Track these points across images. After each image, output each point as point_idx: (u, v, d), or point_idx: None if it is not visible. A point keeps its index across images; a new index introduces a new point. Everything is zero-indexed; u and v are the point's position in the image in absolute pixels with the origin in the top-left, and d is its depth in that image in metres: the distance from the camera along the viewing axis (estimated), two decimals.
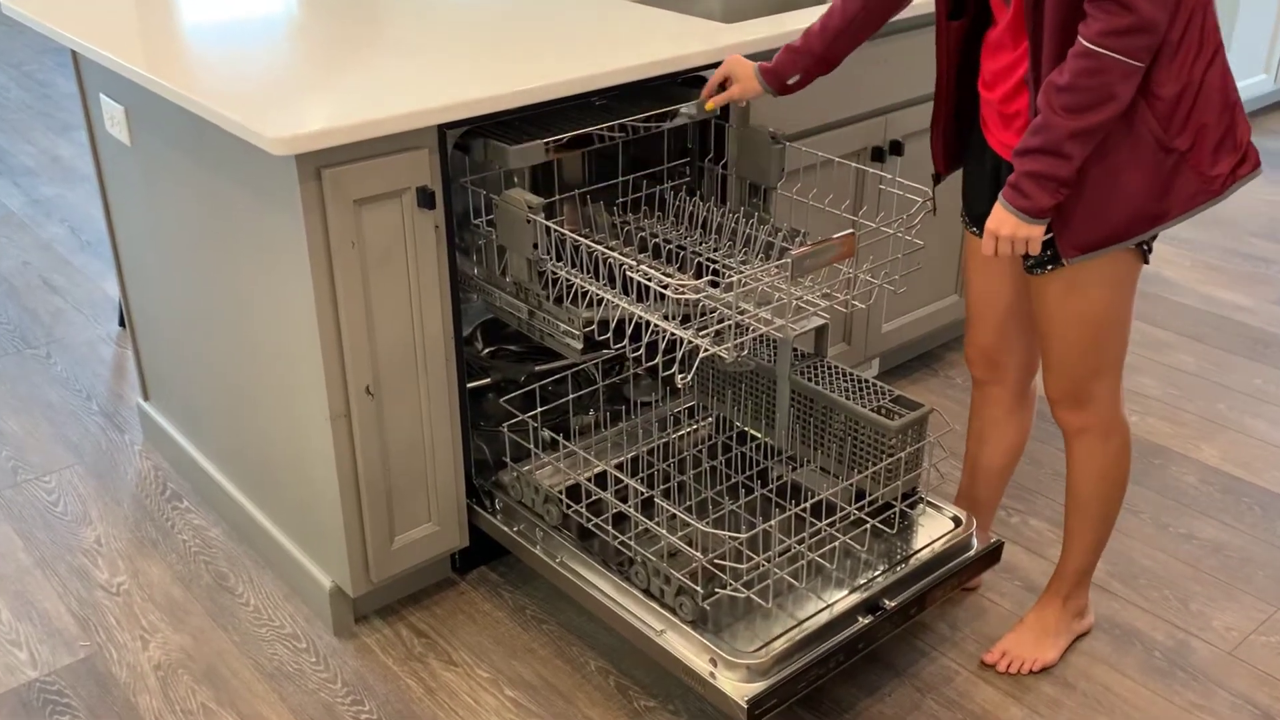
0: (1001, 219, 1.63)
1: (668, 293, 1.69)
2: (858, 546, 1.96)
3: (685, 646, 1.79)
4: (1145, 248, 1.73)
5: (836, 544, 1.92)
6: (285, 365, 1.99)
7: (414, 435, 2.01)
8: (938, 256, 2.81)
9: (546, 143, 1.92)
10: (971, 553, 2.00)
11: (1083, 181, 1.63)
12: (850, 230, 1.72)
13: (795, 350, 2.11)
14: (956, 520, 2.04)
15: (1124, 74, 1.52)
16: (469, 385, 2.11)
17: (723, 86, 2.04)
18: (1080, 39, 1.52)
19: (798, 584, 1.88)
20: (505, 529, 2.09)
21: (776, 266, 1.74)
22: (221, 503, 2.44)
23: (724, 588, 1.82)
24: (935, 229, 2.75)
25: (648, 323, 1.74)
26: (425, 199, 1.85)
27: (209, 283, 2.16)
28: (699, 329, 1.73)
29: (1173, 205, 1.65)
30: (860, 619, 1.84)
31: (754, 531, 1.86)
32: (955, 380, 2.92)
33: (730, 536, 1.83)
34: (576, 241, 1.87)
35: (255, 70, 2.00)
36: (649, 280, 1.72)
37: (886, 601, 1.87)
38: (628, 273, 1.76)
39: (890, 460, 1.97)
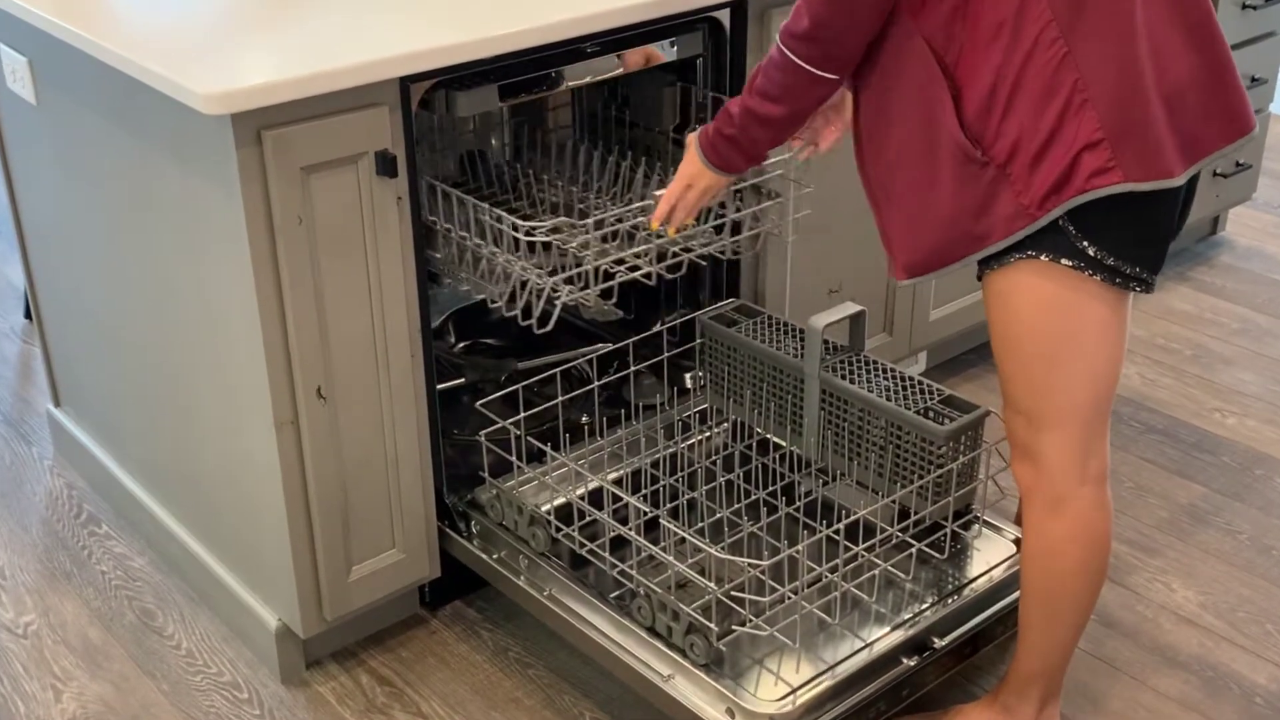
0: (700, 175, 1.86)
1: (520, 235, 1.92)
2: (901, 575, 1.96)
3: (697, 694, 1.79)
4: (1119, 278, 1.62)
5: (876, 572, 1.92)
6: (222, 364, 2.00)
7: (374, 446, 2.01)
8: None
9: (501, 85, 1.96)
10: None
11: (894, 196, 1.70)
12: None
13: (826, 342, 2.12)
14: (1018, 543, 2.04)
15: (811, 81, 1.68)
16: (439, 386, 2.12)
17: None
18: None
19: (830, 619, 1.89)
20: (483, 556, 2.09)
21: (639, 208, 1.99)
22: (147, 527, 2.45)
23: (743, 624, 1.82)
24: None
25: (524, 282, 1.97)
26: (386, 166, 1.85)
27: (131, 267, 2.16)
28: (560, 271, 1.97)
29: (994, 228, 1.62)
30: (905, 660, 1.85)
31: (778, 558, 1.87)
32: None
33: (749, 564, 1.84)
34: (461, 198, 2.02)
35: (184, 16, 2.00)
36: (500, 224, 1.96)
37: (936, 640, 1.88)
38: (478, 215, 2.00)
39: (939, 472, 1.98)
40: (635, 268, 2.01)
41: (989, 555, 2.03)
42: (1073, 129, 1.56)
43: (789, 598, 1.86)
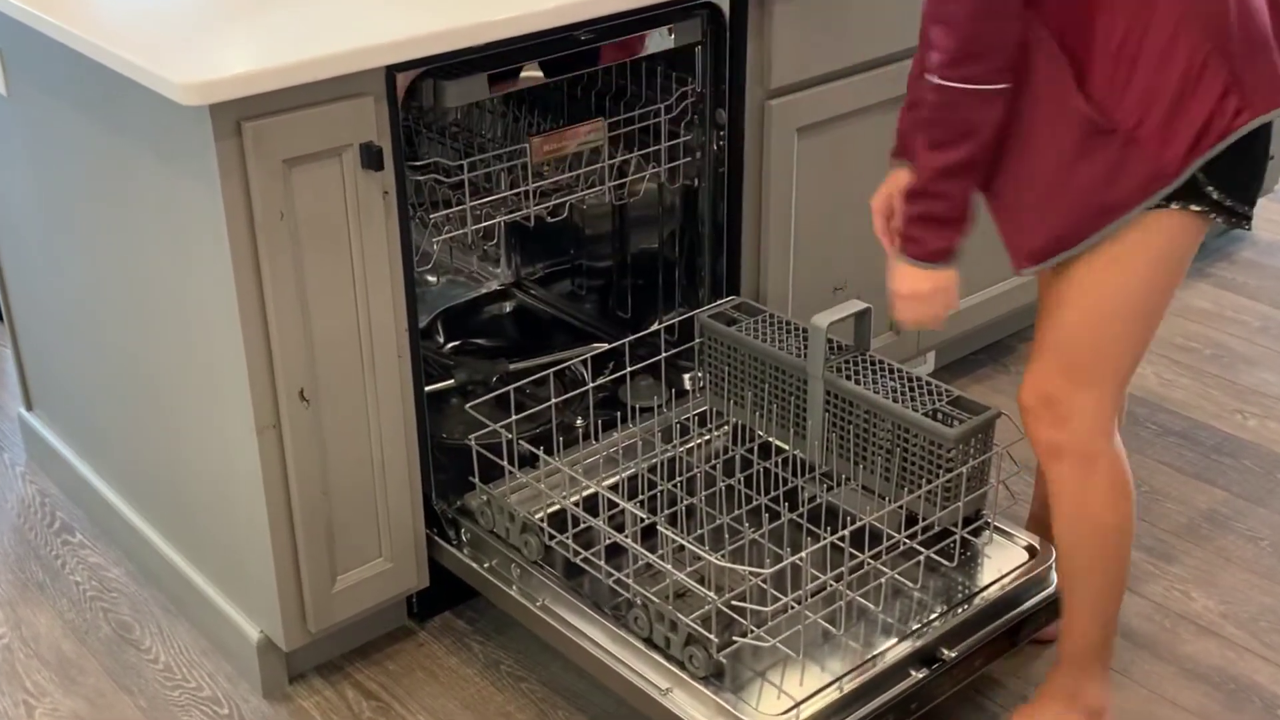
0: (912, 277, 1.77)
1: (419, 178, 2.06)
2: (909, 583, 1.97)
3: (696, 708, 1.79)
4: (1234, 217, 1.70)
5: (883, 580, 1.92)
6: (201, 366, 2.00)
7: (360, 450, 2.01)
8: None
9: (491, 74, 1.97)
10: (1050, 589, 2.01)
11: (1021, 186, 1.72)
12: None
13: (830, 342, 2.12)
14: (1031, 550, 2.05)
15: (982, 100, 1.64)
16: (428, 388, 2.12)
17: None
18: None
19: (835, 630, 1.89)
20: (474, 565, 2.10)
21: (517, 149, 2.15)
22: (123, 536, 2.45)
23: (744, 635, 1.83)
24: None
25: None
26: (371, 158, 1.86)
27: (106, 265, 2.17)
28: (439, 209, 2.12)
29: (1129, 194, 1.66)
30: (913, 672, 1.85)
31: (780, 566, 1.87)
32: None
33: (751, 572, 1.84)
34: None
35: (161, 4, 2.00)
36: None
37: (946, 651, 1.88)
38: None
39: (948, 476, 1.98)
40: (516, 209, 2.16)
41: (1000, 562, 2.03)
42: (1201, 82, 1.63)
43: (792, 607, 1.87)
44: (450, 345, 2.51)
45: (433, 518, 2.14)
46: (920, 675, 1.85)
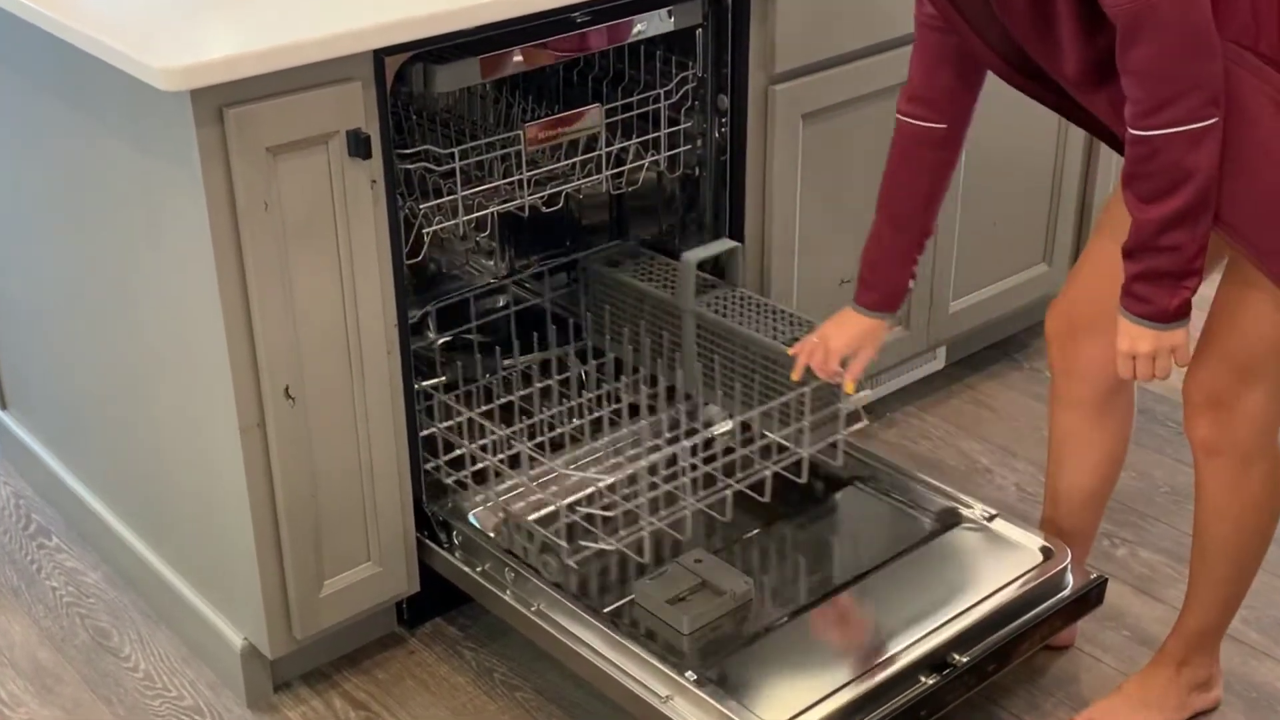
0: (1134, 335, 1.73)
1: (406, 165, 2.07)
2: (757, 496, 2.07)
3: (697, 715, 1.80)
4: None
5: (728, 491, 2.04)
6: (182, 363, 2.01)
7: (347, 450, 2.02)
8: (1021, 213, 2.82)
9: (483, 58, 1.98)
10: (1067, 592, 2.01)
11: (1251, 214, 1.68)
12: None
13: (700, 278, 2.31)
14: (1046, 552, 2.06)
15: (1190, 142, 1.60)
16: (418, 385, 2.13)
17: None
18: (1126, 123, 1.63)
19: (681, 536, 2.03)
20: (466, 569, 2.10)
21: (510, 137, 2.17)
22: (102, 540, 2.46)
23: (595, 542, 2.00)
24: (1016, 178, 2.76)
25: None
26: (359, 146, 1.86)
27: (83, 257, 2.17)
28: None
29: None
30: (923, 678, 1.85)
31: (626, 472, 2.05)
32: (1043, 374, 2.93)
33: (592, 478, 2.08)
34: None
35: None
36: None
37: (957, 656, 1.89)
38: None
39: (791, 395, 2.13)
40: (510, 199, 2.19)
41: (1015, 564, 2.04)
42: None
43: (636, 512, 2.01)
44: (442, 340, 2.51)
45: (423, 520, 2.15)
46: (930, 681, 1.85)
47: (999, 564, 2.05)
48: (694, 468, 2.04)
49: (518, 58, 2.04)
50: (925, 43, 1.90)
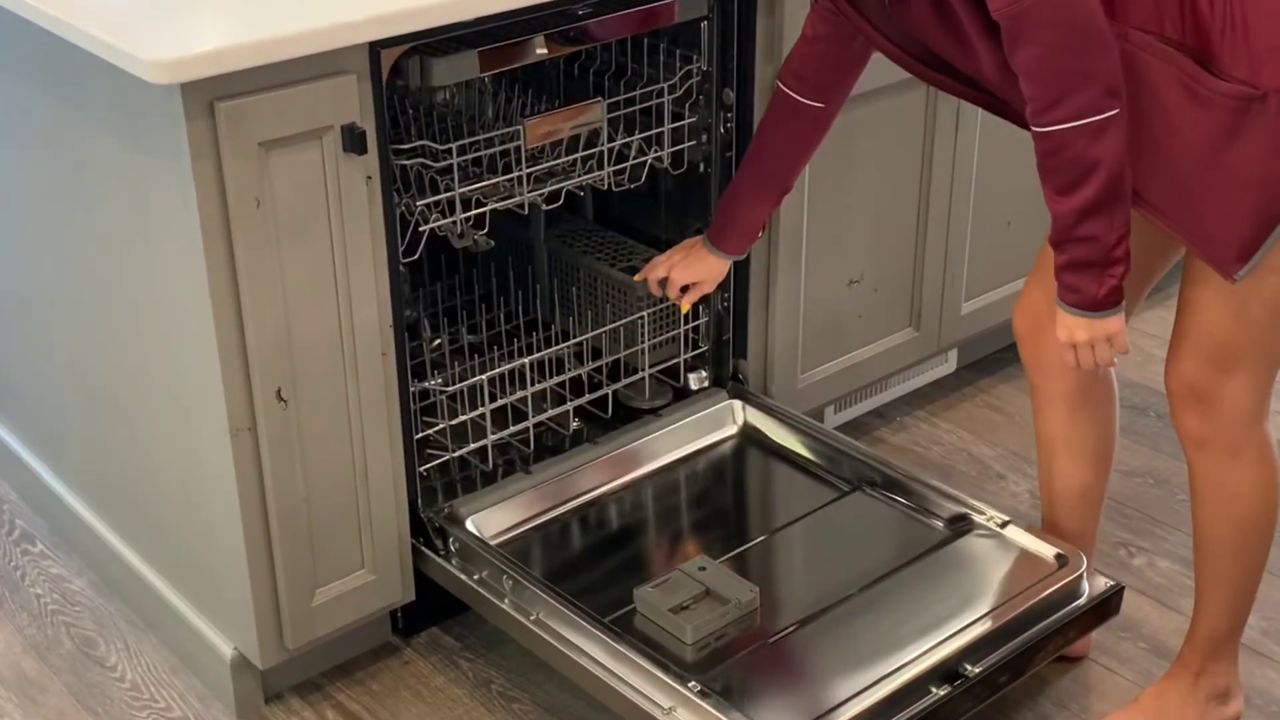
0: (1070, 325, 1.79)
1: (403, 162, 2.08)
2: (600, 413, 2.34)
3: None
4: None
5: (569, 407, 2.30)
6: (171, 365, 2.01)
7: (341, 454, 2.02)
8: (1034, 213, 2.82)
9: (482, 51, 1.98)
10: (1082, 601, 2.01)
11: (1193, 193, 1.72)
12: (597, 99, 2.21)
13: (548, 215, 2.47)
14: (1060, 559, 2.06)
15: (1092, 134, 1.65)
16: (414, 388, 2.13)
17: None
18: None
19: (525, 449, 2.26)
20: (463, 577, 2.10)
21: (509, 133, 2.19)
22: (88, 546, 2.46)
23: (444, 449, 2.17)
24: (1029, 178, 2.75)
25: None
26: (354, 141, 1.86)
27: (69, 255, 2.17)
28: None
29: None
30: (934, 690, 1.86)
31: (470, 381, 2.22)
32: None
33: (438, 388, 2.24)
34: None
35: None
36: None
37: (969, 666, 1.89)
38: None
39: (630, 318, 2.32)
40: (509, 196, 2.19)
41: (1028, 571, 2.04)
42: None
43: (477, 422, 2.21)
44: (438, 341, 2.51)
45: (419, 526, 2.15)
46: (941, 692, 1.85)
47: (1012, 572, 2.06)
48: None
49: (518, 51, 2.04)
50: (816, 29, 1.99)
